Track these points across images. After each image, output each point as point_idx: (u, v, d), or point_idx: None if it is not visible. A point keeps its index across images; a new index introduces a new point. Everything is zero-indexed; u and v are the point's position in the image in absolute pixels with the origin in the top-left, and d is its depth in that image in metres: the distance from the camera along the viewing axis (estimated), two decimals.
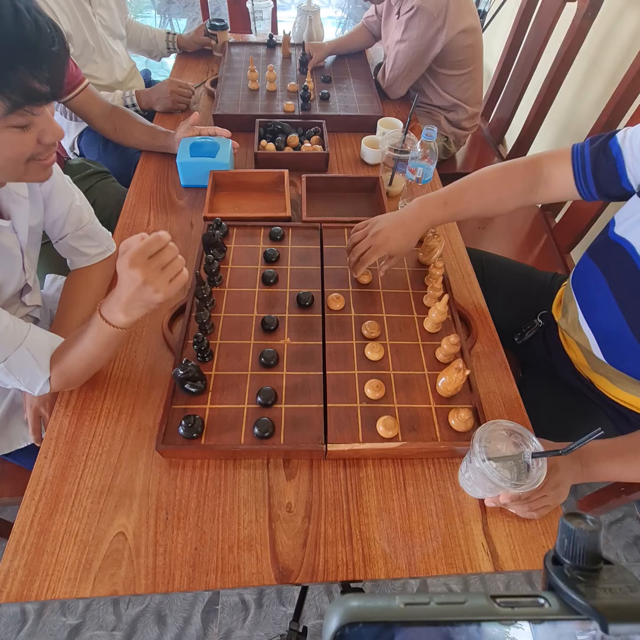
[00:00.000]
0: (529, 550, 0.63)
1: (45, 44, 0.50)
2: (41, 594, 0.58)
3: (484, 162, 1.76)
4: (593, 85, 1.78)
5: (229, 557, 0.61)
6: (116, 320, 0.63)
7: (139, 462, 0.69)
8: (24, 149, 0.56)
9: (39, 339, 0.69)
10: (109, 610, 1.20)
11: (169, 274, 0.61)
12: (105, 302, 0.65)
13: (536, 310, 1.02)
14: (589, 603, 0.19)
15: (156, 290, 0.60)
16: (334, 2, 4.11)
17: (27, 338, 0.67)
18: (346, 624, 0.18)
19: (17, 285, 0.78)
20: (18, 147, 0.55)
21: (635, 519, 1.41)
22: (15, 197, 0.72)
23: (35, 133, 0.56)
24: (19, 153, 0.56)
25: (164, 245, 0.60)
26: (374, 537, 0.64)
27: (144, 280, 0.58)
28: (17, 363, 0.66)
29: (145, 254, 0.58)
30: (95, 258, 0.89)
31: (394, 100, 1.50)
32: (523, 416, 0.77)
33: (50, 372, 0.69)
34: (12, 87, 0.49)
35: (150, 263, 0.59)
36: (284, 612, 1.22)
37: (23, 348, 0.66)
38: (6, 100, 0.50)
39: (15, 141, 0.54)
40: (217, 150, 1.12)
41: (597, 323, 0.80)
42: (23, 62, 0.49)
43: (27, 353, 0.67)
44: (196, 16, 3.72)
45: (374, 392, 0.73)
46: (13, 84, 0.49)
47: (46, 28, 0.51)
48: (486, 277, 1.05)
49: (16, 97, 0.50)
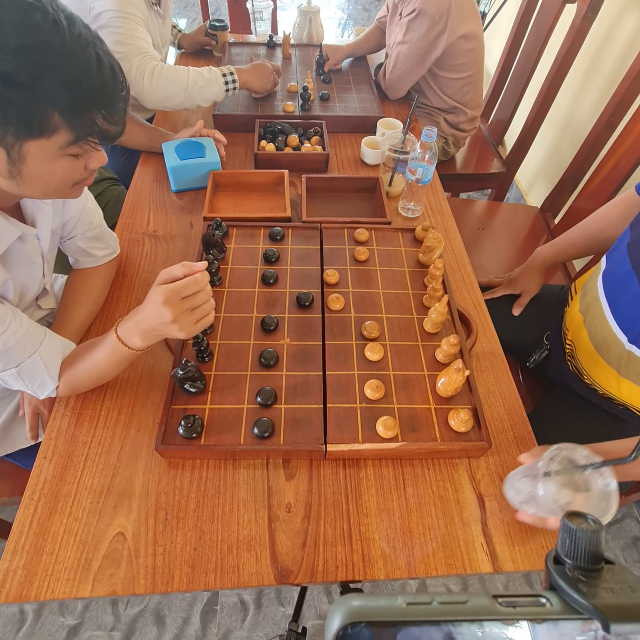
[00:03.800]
0: (529, 551, 0.63)
1: (119, 90, 0.54)
2: (40, 594, 0.58)
3: (483, 163, 1.77)
4: (593, 86, 1.79)
5: (228, 558, 0.61)
6: (132, 343, 0.65)
7: (138, 462, 0.69)
8: (74, 175, 0.59)
9: (52, 346, 0.70)
10: (108, 611, 1.20)
11: (197, 317, 0.63)
12: (123, 323, 0.66)
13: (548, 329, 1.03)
14: (591, 603, 0.19)
15: (181, 329, 0.62)
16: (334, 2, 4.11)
17: (42, 345, 0.68)
18: (348, 624, 0.18)
19: (37, 291, 0.78)
20: (69, 173, 0.58)
21: (634, 520, 1.41)
22: (39, 204, 0.72)
23: (85, 160, 0.59)
24: (69, 178, 0.59)
25: (200, 289, 0.61)
26: (374, 538, 0.64)
27: (172, 320, 0.60)
28: (29, 370, 0.67)
29: (180, 295, 0.60)
30: (101, 259, 0.89)
31: (394, 101, 1.50)
32: (522, 417, 0.77)
33: (59, 381, 0.70)
34: (85, 128, 0.53)
35: (183, 304, 0.60)
36: (283, 612, 1.21)
37: (37, 356, 0.67)
38: (74, 134, 0.53)
39: (68, 167, 0.57)
40: (204, 150, 1.11)
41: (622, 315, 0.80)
42: (100, 107, 0.53)
43: (40, 361, 0.67)
44: (196, 16, 3.72)
45: (373, 393, 0.73)
46: (85, 123, 0.53)
47: (119, 74, 0.54)
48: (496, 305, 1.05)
49: (83, 132, 0.53)
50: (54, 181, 0.58)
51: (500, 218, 1.59)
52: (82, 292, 0.85)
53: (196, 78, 1.15)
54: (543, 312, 1.07)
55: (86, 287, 0.86)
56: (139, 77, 1.10)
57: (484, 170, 1.75)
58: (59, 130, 0.51)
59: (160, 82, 1.12)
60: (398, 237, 0.99)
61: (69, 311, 0.83)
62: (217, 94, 1.20)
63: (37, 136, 0.51)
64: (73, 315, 0.82)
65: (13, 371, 0.66)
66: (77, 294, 0.85)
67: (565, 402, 0.96)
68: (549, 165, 2.13)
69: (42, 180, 0.57)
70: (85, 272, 0.88)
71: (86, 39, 0.50)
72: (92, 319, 0.85)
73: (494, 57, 1.96)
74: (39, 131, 0.50)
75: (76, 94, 0.50)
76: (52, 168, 0.55)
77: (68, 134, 0.52)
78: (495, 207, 1.64)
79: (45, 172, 0.56)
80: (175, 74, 1.13)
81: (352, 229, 0.99)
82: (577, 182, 1.49)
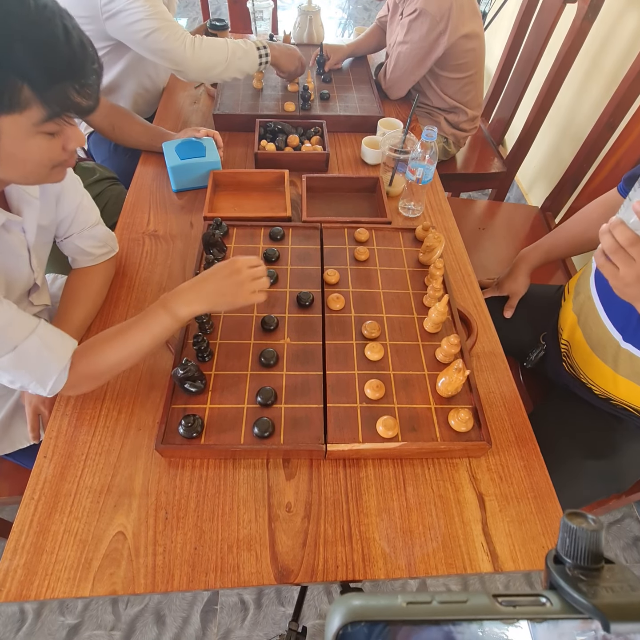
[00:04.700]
0: (529, 551, 0.63)
1: (89, 62, 0.54)
2: (40, 593, 0.58)
3: (484, 162, 1.77)
4: (593, 86, 1.78)
5: (229, 557, 0.61)
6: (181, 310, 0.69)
7: (138, 462, 0.69)
8: (51, 155, 0.59)
9: (51, 329, 0.68)
10: (108, 610, 1.20)
11: (255, 287, 0.73)
12: (169, 294, 0.71)
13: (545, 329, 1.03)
14: (591, 602, 0.19)
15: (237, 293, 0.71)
16: (335, 2, 4.11)
17: (39, 327, 0.65)
18: (348, 623, 0.18)
19: (25, 285, 0.78)
20: (46, 153, 0.58)
21: (634, 520, 1.41)
22: (26, 197, 0.72)
23: (61, 140, 0.58)
24: (46, 158, 0.59)
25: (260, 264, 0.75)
26: (374, 537, 0.63)
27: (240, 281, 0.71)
28: (28, 354, 0.64)
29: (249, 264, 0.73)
30: (99, 258, 0.89)
31: (394, 101, 1.50)
32: (522, 416, 0.77)
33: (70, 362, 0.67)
34: (57, 99, 0.52)
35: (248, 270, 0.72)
36: (283, 612, 1.21)
37: (34, 337, 0.64)
38: (47, 109, 0.52)
39: (44, 147, 0.57)
40: (204, 150, 1.11)
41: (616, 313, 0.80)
42: (70, 78, 0.52)
43: (38, 342, 0.65)
44: (196, 16, 3.72)
45: (373, 392, 0.73)
46: (57, 96, 0.52)
47: (88, 47, 0.54)
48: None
49: (57, 107, 0.53)
50: (30, 161, 0.57)
51: (501, 218, 1.59)
52: (81, 292, 0.85)
53: (235, 49, 1.18)
54: (540, 312, 1.07)
55: (85, 287, 0.86)
56: (180, 47, 1.12)
57: (485, 170, 1.75)
58: (30, 105, 0.51)
59: (202, 51, 1.14)
60: (398, 237, 0.99)
61: (68, 310, 0.83)
62: (252, 66, 1.22)
63: (9, 111, 0.50)
64: (72, 314, 0.82)
65: (11, 356, 0.63)
66: (76, 293, 0.85)
67: (564, 401, 0.96)
68: (549, 165, 2.13)
69: (18, 161, 0.57)
70: (83, 271, 0.88)
71: (52, 10, 0.50)
72: (91, 318, 0.85)
73: (494, 56, 1.96)
74: (9, 106, 0.50)
75: (44, 65, 0.50)
76: (28, 147, 0.55)
77: (41, 109, 0.52)
78: (495, 207, 1.64)
79: (21, 151, 0.55)
80: (216, 44, 1.17)
81: (353, 229, 0.99)
82: (578, 182, 1.49)
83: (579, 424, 0.91)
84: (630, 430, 0.89)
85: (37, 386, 0.67)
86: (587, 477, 0.88)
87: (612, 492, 0.91)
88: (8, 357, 0.63)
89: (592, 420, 0.91)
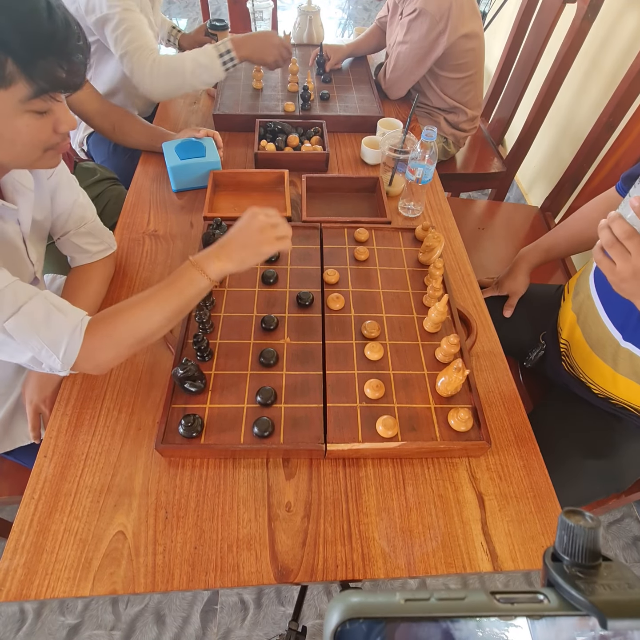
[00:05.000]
0: (529, 550, 0.63)
1: (73, 39, 0.55)
2: (40, 592, 0.58)
3: (483, 162, 1.77)
4: (593, 86, 1.79)
5: (228, 557, 0.61)
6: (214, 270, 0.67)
7: (138, 461, 0.69)
8: (40, 135, 0.59)
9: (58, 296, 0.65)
10: (108, 610, 1.20)
11: (278, 232, 0.71)
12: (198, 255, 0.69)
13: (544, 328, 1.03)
14: (588, 599, 0.19)
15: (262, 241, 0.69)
16: (334, 2, 4.11)
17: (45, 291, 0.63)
18: (347, 620, 0.18)
19: (27, 278, 0.77)
20: (35, 133, 0.58)
21: (634, 520, 1.41)
22: (20, 188, 0.72)
23: (51, 121, 0.59)
24: (35, 139, 0.59)
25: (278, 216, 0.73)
26: (374, 537, 0.64)
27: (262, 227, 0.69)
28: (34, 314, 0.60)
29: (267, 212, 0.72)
30: (97, 255, 0.89)
31: (394, 101, 1.50)
32: (522, 416, 0.77)
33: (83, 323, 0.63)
34: (41, 74, 0.53)
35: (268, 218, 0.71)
36: (283, 611, 1.22)
37: (40, 297, 0.61)
38: (33, 85, 0.53)
39: (33, 126, 0.57)
40: (204, 150, 1.12)
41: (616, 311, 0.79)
42: (54, 53, 0.53)
43: (45, 302, 0.62)
44: (196, 16, 3.72)
45: (373, 392, 0.73)
46: (42, 72, 0.53)
47: (73, 24, 0.55)
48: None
49: (43, 83, 0.54)
50: (19, 141, 0.58)
51: (501, 218, 1.59)
52: (79, 290, 0.85)
53: (193, 67, 1.14)
54: (539, 312, 1.07)
55: (84, 284, 0.86)
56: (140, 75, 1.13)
57: (484, 170, 1.75)
58: (16, 80, 0.52)
59: (159, 79, 1.14)
60: (398, 237, 0.99)
61: None
62: (218, 75, 1.18)
63: None
64: None
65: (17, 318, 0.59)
66: (76, 291, 0.85)
67: (564, 401, 0.96)
68: (549, 165, 2.13)
69: (5, 140, 0.57)
70: (82, 269, 0.88)
71: None
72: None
73: (494, 56, 1.96)
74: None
75: (26, 37, 0.50)
76: (16, 125, 0.55)
77: (26, 85, 0.53)
78: (495, 207, 1.64)
79: (9, 130, 0.56)
80: (171, 67, 1.14)
81: (352, 229, 0.99)
82: (577, 182, 1.49)
83: (579, 423, 0.91)
84: (629, 429, 0.89)
85: (49, 353, 0.61)
86: (586, 477, 0.88)
87: (611, 492, 0.91)
88: (14, 320, 0.59)
89: (592, 419, 0.91)
